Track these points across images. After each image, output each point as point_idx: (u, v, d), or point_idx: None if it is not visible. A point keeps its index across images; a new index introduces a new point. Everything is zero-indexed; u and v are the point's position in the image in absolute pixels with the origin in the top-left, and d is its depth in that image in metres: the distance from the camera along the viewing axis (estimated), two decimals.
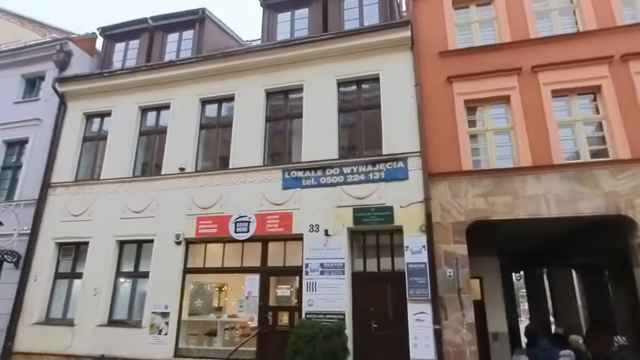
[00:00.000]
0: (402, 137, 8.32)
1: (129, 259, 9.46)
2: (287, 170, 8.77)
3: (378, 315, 7.85)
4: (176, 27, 11.60)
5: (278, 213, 8.52)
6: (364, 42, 8.97)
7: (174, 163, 9.56)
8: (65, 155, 10.56)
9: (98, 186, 9.98)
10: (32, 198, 10.27)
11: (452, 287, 7.25)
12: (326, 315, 7.66)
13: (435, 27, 8.87)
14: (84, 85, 10.87)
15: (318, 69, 9.28)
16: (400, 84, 8.68)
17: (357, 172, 8.36)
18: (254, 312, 8.26)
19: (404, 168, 8.12)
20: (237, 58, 9.76)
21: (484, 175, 7.71)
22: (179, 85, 10.18)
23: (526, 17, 8.45)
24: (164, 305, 8.55)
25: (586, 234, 8.74)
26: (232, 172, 9.10)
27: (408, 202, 7.87)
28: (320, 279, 7.93)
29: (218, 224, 8.80)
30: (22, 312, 9.41)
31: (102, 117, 10.92)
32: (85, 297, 9.10)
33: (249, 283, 8.42)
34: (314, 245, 8.13)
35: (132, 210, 9.45)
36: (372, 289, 7.95)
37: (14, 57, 11.98)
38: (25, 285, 9.61)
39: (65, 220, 9.90)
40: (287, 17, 10.76)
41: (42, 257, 9.76)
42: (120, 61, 11.88)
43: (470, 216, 7.56)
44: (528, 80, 8.01)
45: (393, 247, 8.22)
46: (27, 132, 11.18)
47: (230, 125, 9.67)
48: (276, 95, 9.69)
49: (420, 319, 7.25)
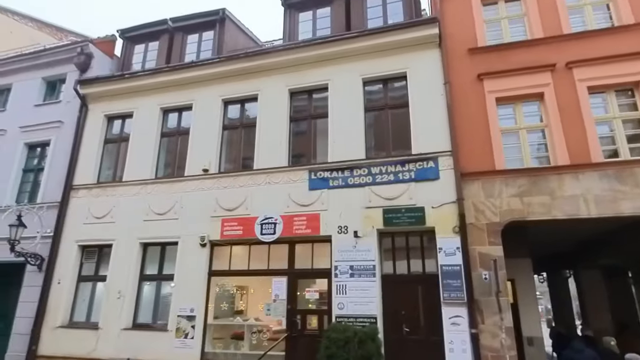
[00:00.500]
0: (432, 136, 8.13)
1: (152, 262, 9.36)
2: (313, 171, 8.62)
3: (409, 319, 7.65)
4: (196, 28, 11.54)
5: (305, 214, 8.37)
6: (390, 39, 8.81)
7: (197, 164, 9.46)
8: (87, 158, 10.51)
9: (120, 188, 9.90)
10: (54, 200, 10.23)
11: (487, 290, 7.05)
12: (357, 318, 7.48)
13: (463, 24, 8.68)
14: (105, 87, 10.83)
15: (343, 67, 9.13)
16: (428, 82, 8.50)
17: (386, 172, 8.19)
18: (281, 315, 8.11)
19: (434, 168, 7.93)
20: (260, 58, 9.65)
21: (519, 175, 7.49)
22: (201, 86, 10.10)
23: (559, 11, 8.24)
24: (190, 308, 8.42)
25: (623, 234, 8.46)
26: (257, 173, 8.97)
27: (440, 202, 7.67)
28: (350, 281, 7.75)
29: (243, 226, 8.67)
30: (46, 316, 9.35)
31: (123, 118, 10.87)
32: (110, 300, 9.01)
33: (276, 286, 8.27)
34: (343, 247, 7.96)
35: (155, 212, 9.36)
36: (403, 292, 7.74)
37: (34, 60, 11.99)
38: (48, 288, 9.54)
39: (88, 223, 9.84)
40: (308, 17, 10.64)
41: (65, 260, 9.70)
42: (140, 63, 11.84)
43: (505, 217, 7.34)
44: (562, 76, 7.79)
45: (423, 249, 8.03)
46: (48, 134, 11.16)
47: (253, 126, 9.56)
48: (300, 95, 9.56)
49: (456, 322, 7.04)
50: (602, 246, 10.06)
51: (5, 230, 9.43)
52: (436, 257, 7.77)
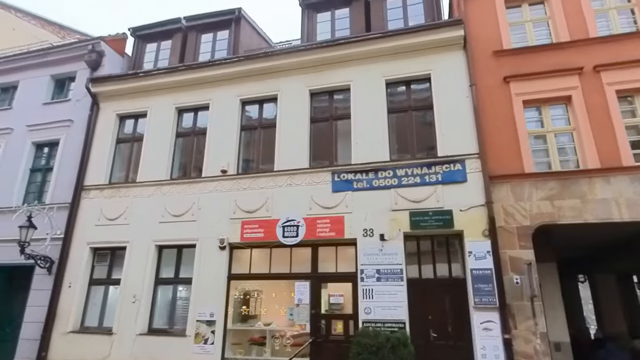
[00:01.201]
0: (458, 139, 8.04)
1: (168, 265, 9.10)
2: (336, 173, 8.47)
3: (436, 324, 7.51)
4: (211, 27, 11.37)
5: (329, 217, 8.20)
6: (415, 41, 8.73)
7: (215, 165, 9.25)
8: (98, 157, 10.24)
9: (134, 189, 9.64)
10: (64, 201, 9.93)
11: (519, 295, 6.96)
12: (385, 323, 7.32)
13: (487, 26, 8.64)
14: (118, 86, 10.57)
15: (365, 69, 9.02)
16: (453, 84, 8.42)
17: (412, 174, 8.07)
18: (305, 320, 7.92)
19: (462, 170, 7.83)
20: (280, 58, 9.50)
21: (549, 178, 7.42)
22: (218, 86, 9.91)
23: (584, 15, 8.23)
24: (210, 313, 8.18)
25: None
26: (278, 175, 8.79)
27: (468, 205, 7.57)
28: (377, 285, 7.59)
29: (264, 228, 8.48)
30: (56, 320, 9.03)
31: (136, 118, 10.61)
32: (124, 304, 8.73)
33: (298, 290, 8.06)
34: (369, 250, 7.81)
35: (171, 213, 9.12)
36: (429, 297, 7.60)
37: (43, 57, 11.70)
38: (59, 292, 9.23)
39: (100, 225, 9.55)
40: (327, 17, 10.54)
41: (77, 263, 9.39)
42: (151, 62, 11.62)
43: (535, 220, 7.26)
44: (590, 80, 7.77)
45: (449, 252, 7.92)
46: (57, 133, 10.86)
47: (272, 127, 9.39)
48: (320, 96, 9.42)
49: (488, 328, 6.91)
50: (620, 250, 10.03)
51: (13, 231, 9.14)
52: (462, 261, 7.71)
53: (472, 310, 7.06)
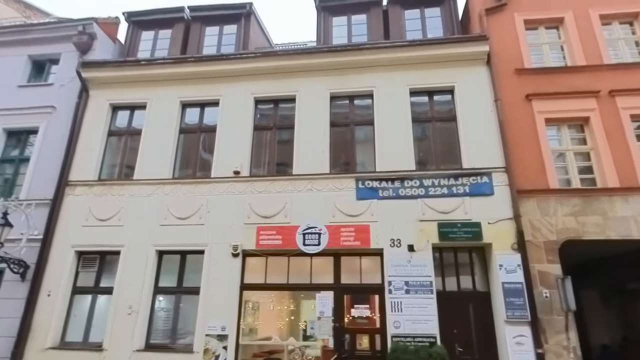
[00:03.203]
0: (483, 152, 8.08)
1: (169, 272, 8.23)
2: (360, 180, 8.17)
3: (461, 338, 7.38)
4: (217, 20, 10.71)
5: (353, 225, 7.86)
6: (441, 52, 8.75)
7: (226, 165, 8.60)
8: (86, 150, 9.15)
9: (131, 187, 8.69)
10: (44, 197, 8.72)
11: (549, 309, 7.02)
12: (415, 338, 7.06)
13: (509, 44, 8.86)
14: (114, 73, 9.59)
15: (389, 76, 8.88)
16: (477, 98, 8.50)
17: (439, 185, 7.97)
18: (327, 334, 7.44)
19: (489, 183, 7.85)
20: (301, 57, 9.12)
21: (572, 195, 7.64)
22: (230, 82, 9.29)
23: (598, 42, 8.69)
24: (221, 326, 7.45)
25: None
26: (297, 179, 8.32)
27: (496, 218, 7.57)
28: (405, 298, 7.32)
29: (283, 235, 7.94)
30: (32, 334, 7.81)
31: (132, 109, 9.65)
32: (117, 316, 7.73)
33: (320, 302, 7.59)
34: (397, 261, 7.54)
35: (175, 216, 8.30)
36: (454, 310, 7.47)
37: (21, 34, 10.39)
38: (35, 301, 8.01)
39: (88, 225, 8.49)
40: (343, 22, 10.32)
41: (58, 268, 8.24)
42: (147, 50, 10.72)
43: (561, 235, 7.41)
44: (607, 103, 8.17)
45: (473, 265, 7.88)
46: (35, 120, 9.60)
47: (288, 128, 8.95)
48: (340, 100, 9.13)
49: (520, 342, 6.87)
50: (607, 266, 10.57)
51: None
52: (485, 274, 7.71)
53: (503, 325, 6.99)
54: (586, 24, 8.88)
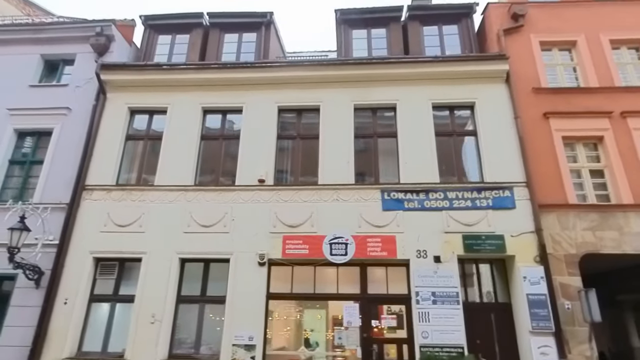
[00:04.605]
0: (504, 167, 8.34)
1: (192, 281, 8.09)
2: (386, 191, 8.29)
3: (485, 348, 7.55)
4: (236, 27, 10.72)
5: (380, 236, 7.95)
6: (462, 69, 9.03)
7: (250, 173, 8.58)
8: (104, 154, 8.96)
9: (152, 193, 8.54)
10: (59, 201, 8.47)
11: (571, 320, 7.27)
12: (443, 348, 7.18)
13: (526, 64, 9.23)
14: (134, 76, 9.46)
15: (412, 90, 9.09)
16: (497, 114, 8.79)
17: (463, 197, 8.18)
18: (355, 344, 7.48)
19: (510, 197, 8.11)
20: (326, 69, 9.24)
21: (590, 210, 7.98)
22: (253, 89, 9.30)
23: (609, 65, 9.15)
24: (248, 336, 7.37)
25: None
26: (323, 189, 8.37)
27: (518, 231, 7.82)
28: (432, 308, 7.44)
29: (310, 245, 7.96)
30: (47, 344, 7.52)
31: (150, 114, 9.52)
32: (139, 325, 7.54)
33: (347, 312, 7.63)
34: (423, 272, 7.67)
35: (199, 223, 8.20)
36: (477, 320, 7.64)
37: (34, 33, 10.12)
38: (50, 309, 7.73)
39: (106, 231, 8.28)
40: (362, 35, 10.51)
41: (75, 275, 7.99)
42: (164, 55, 10.60)
43: (580, 249, 7.71)
44: (619, 123, 8.59)
45: (494, 277, 8.10)
46: (49, 121, 9.34)
47: (312, 138, 9.02)
48: (363, 112, 9.26)
49: (544, 352, 7.07)
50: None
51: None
52: (506, 286, 7.94)
53: (528, 335, 7.18)
54: (597, 48, 9.35)
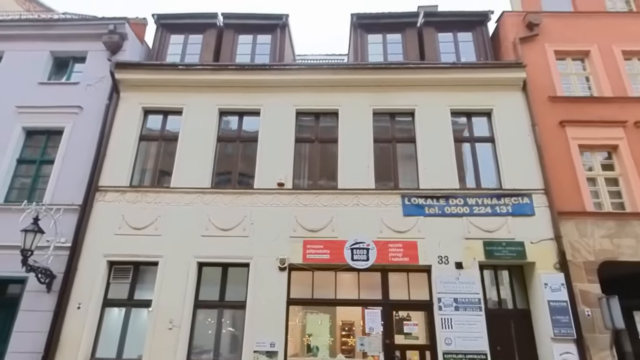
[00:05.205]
0: (522, 174, 8.41)
1: (209, 285, 7.93)
2: (406, 197, 8.27)
3: (505, 354, 7.56)
4: (251, 29, 10.64)
5: (401, 241, 7.92)
6: (481, 76, 9.10)
7: (268, 177, 8.47)
8: (117, 154, 8.74)
9: (167, 195, 8.36)
10: (71, 203, 8.22)
11: (591, 327, 7.34)
12: (466, 355, 7.17)
13: (542, 72, 9.34)
14: (149, 76, 9.28)
15: (430, 95, 9.12)
16: (514, 122, 8.87)
17: (482, 204, 8.21)
18: (377, 351, 7.41)
19: (530, 204, 8.17)
20: (345, 73, 9.24)
21: (607, 218, 8.08)
22: (271, 92, 9.21)
23: (622, 76, 9.33)
24: (270, 342, 7.24)
25: None
26: (342, 193, 8.31)
27: (538, 238, 7.88)
28: (455, 315, 7.44)
29: (331, 250, 7.88)
30: (60, 350, 7.26)
31: (165, 114, 9.34)
32: (157, 331, 7.35)
33: (369, 318, 7.57)
34: (445, 278, 7.66)
35: (217, 227, 8.05)
36: (496, 327, 7.65)
37: (44, 29, 9.85)
38: (63, 314, 7.48)
39: (121, 234, 8.06)
40: (378, 39, 10.52)
41: (88, 279, 7.75)
42: (177, 54, 10.44)
43: (599, 256, 7.79)
44: (634, 133, 8.74)
45: (512, 283, 8.14)
46: (60, 120, 9.08)
47: (331, 142, 8.98)
48: (381, 116, 9.24)
49: (566, 359, 7.12)
50: None
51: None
52: (525, 292, 7.99)
53: (550, 342, 7.22)
54: (610, 58, 9.52)
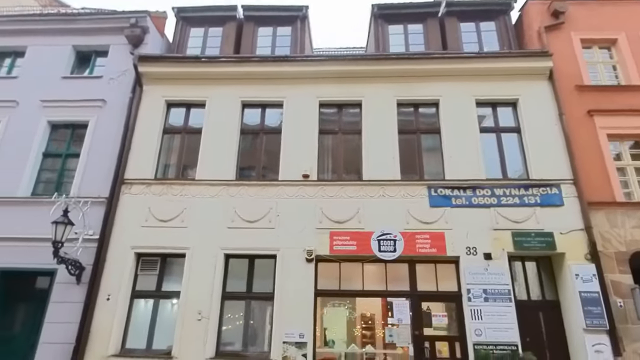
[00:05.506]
0: (549, 164, 8.29)
1: (236, 277, 7.94)
2: (433, 187, 8.20)
3: (535, 346, 7.48)
4: (271, 21, 10.58)
5: (428, 232, 7.86)
6: (506, 66, 8.97)
7: (293, 168, 8.45)
8: (142, 148, 8.77)
9: (193, 187, 8.37)
10: (97, 195, 8.26)
11: (623, 318, 7.24)
12: (497, 346, 7.11)
13: (568, 61, 9.18)
14: (172, 69, 9.29)
15: (454, 86, 9.01)
16: (540, 112, 8.74)
17: (510, 194, 8.11)
18: (406, 342, 7.37)
19: (558, 194, 8.06)
20: (369, 63, 9.16)
21: (638, 208, 7.96)
22: (294, 84, 9.16)
23: None
24: (299, 333, 7.24)
25: None
26: (369, 184, 8.26)
27: (567, 229, 7.77)
28: (484, 306, 7.37)
29: (357, 241, 7.85)
30: (91, 341, 7.33)
31: (187, 107, 9.34)
32: (186, 322, 7.38)
33: (397, 309, 7.53)
34: (474, 269, 7.59)
35: (243, 218, 8.05)
36: (525, 318, 7.56)
37: (66, 23, 9.89)
38: (93, 305, 7.54)
39: (148, 226, 8.10)
40: (399, 30, 10.41)
41: (117, 270, 7.80)
42: (197, 47, 10.41)
43: (630, 247, 7.67)
44: None
45: (541, 275, 8.05)
46: (85, 114, 9.13)
47: (354, 133, 8.92)
48: (405, 108, 9.16)
49: (599, 350, 7.03)
50: None
51: (19, 227, 7.94)
52: (554, 283, 7.91)
53: (582, 333, 7.13)
54: (638, 46, 9.33)
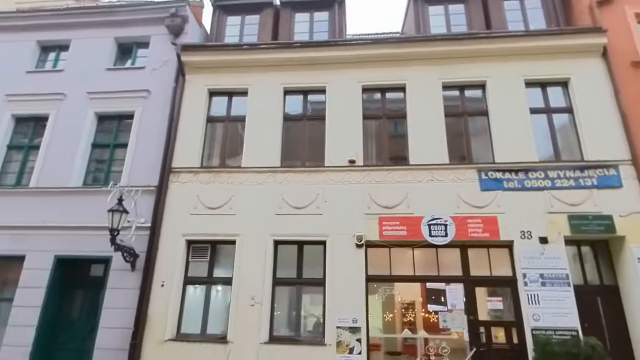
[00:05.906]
0: (606, 145, 7.97)
1: (285, 263, 7.96)
2: (483, 171, 8.01)
3: (594, 332, 7.26)
4: (308, 7, 10.47)
5: (480, 217, 7.70)
6: (557, 44, 8.63)
7: (339, 154, 8.38)
8: (187, 137, 8.84)
9: (240, 175, 8.41)
10: (147, 184, 8.39)
11: None
12: (556, 331, 6.93)
13: (622, 37, 8.75)
14: (214, 57, 9.30)
15: (501, 66, 8.72)
16: (594, 91, 8.39)
17: (565, 177, 7.85)
18: (461, 327, 7.29)
19: (617, 176, 7.75)
20: (413, 46, 8.94)
21: None
22: (335, 69, 9.03)
23: None
24: (352, 319, 7.23)
25: None
26: (416, 169, 8.13)
27: (628, 211, 7.48)
28: (542, 291, 7.19)
29: (407, 226, 7.75)
30: (148, 326, 7.50)
31: (230, 95, 9.35)
32: (240, 308, 7.47)
33: (451, 295, 7.44)
34: (529, 254, 7.41)
35: (291, 205, 8.05)
36: (583, 303, 7.31)
37: (107, 16, 10.00)
38: (148, 292, 7.70)
39: (197, 214, 8.20)
40: (440, 11, 10.13)
41: (169, 258, 7.94)
42: (235, 36, 10.42)
43: None
44: None
45: (598, 259, 7.80)
46: (131, 105, 9.25)
47: (398, 118, 8.79)
48: (450, 90, 8.93)
49: None
50: None
51: (73, 216, 8.21)
52: (612, 267, 7.66)
53: None
54: None
